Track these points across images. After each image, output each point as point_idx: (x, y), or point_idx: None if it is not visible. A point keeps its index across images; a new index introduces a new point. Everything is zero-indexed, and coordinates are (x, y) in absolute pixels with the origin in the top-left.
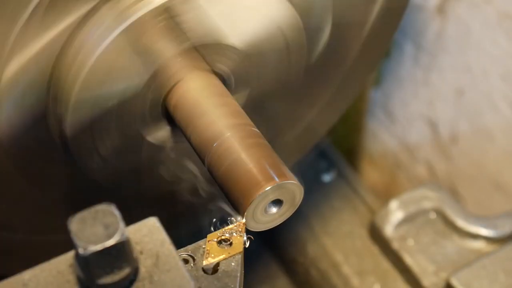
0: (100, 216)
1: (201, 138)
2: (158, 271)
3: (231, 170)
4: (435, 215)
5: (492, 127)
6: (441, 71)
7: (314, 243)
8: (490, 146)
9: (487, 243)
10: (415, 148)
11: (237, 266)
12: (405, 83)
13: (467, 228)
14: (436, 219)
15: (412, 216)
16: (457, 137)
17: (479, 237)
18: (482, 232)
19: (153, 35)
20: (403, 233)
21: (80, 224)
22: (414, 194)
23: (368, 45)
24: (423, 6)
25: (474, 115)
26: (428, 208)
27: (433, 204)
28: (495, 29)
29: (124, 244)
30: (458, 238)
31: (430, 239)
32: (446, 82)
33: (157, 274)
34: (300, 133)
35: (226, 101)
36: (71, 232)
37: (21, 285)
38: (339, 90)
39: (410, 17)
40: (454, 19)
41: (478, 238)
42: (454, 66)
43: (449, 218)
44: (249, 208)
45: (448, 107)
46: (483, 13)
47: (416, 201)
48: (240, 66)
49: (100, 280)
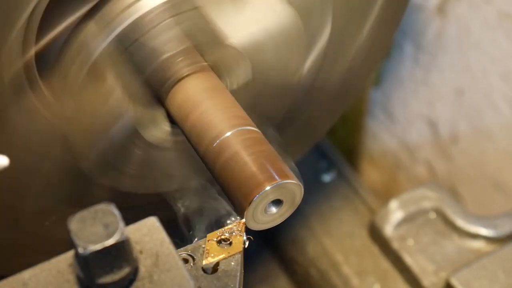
0: (100, 216)
1: (201, 137)
2: (158, 271)
3: (231, 170)
4: (435, 215)
5: (492, 127)
6: (441, 71)
7: (314, 243)
8: (490, 146)
9: (487, 243)
10: (415, 148)
11: (237, 265)
12: (405, 83)
13: (467, 228)
14: (436, 219)
15: (412, 216)
16: (457, 137)
17: (479, 237)
18: (482, 232)
19: (154, 35)
20: (403, 233)
21: (80, 224)
22: (414, 194)
23: (368, 45)
24: (423, 6)
25: (474, 115)
26: (428, 208)
27: (433, 204)
28: (495, 29)
29: (123, 244)
30: (458, 238)
31: (430, 239)
32: (446, 82)
33: (157, 274)
34: (300, 132)
35: (226, 100)
36: (71, 231)
37: (21, 284)
38: (339, 90)
39: (410, 17)
40: (454, 19)
41: (478, 238)
42: (454, 66)
43: (449, 218)
44: (249, 208)
45: (448, 107)
46: (483, 13)
47: (416, 201)
48: (240, 65)
49: (99, 280)
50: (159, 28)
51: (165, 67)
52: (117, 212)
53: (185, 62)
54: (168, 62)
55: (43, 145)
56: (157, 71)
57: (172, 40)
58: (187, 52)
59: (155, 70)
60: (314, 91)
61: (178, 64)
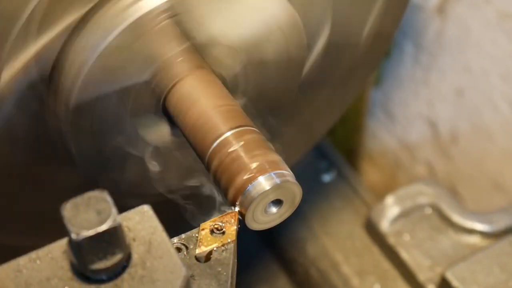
0: (93, 202)
1: (201, 137)
2: (150, 257)
3: (226, 167)
4: (431, 211)
5: (492, 127)
6: (441, 71)
7: (314, 243)
8: (490, 146)
9: (483, 238)
10: (415, 148)
11: (230, 254)
12: (405, 83)
13: (463, 223)
14: (432, 214)
15: (408, 211)
16: (457, 137)
17: (474, 232)
18: (477, 227)
19: (153, 35)
20: (399, 228)
21: (73, 210)
22: (410, 189)
23: (368, 45)
24: (423, 6)
25: (474, 115)
26: (424, 203)
27: (429, 200)
28: (495, 29)
29: (116, 230)
30: (454, 233)
31: (426, 234)
32: (446, 82)
33: (150, 260)
34: (300, 132)
35: (226, 100)
36: (64, 218)
37: (16, 271)
38: (339, 90)
39: (410, 17)
40: (454, 19)
41: (473, 233)
42: (454, 66)
43: (444, 213)
44: (249, 208)
45: (448, 107)
46: (483, 13)
47: (412, 196)
48: (240, 65)
49: (93, 266)
50: (158, 29)
51: (165, 67)
52: (110, 198)
53: (184, 62)
54: (167, 63)
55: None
56: (157, 71)
57: (172, 40)
58: (186, 52)
59: (155, 70)
60: (314, 91)
61: (178, 64)
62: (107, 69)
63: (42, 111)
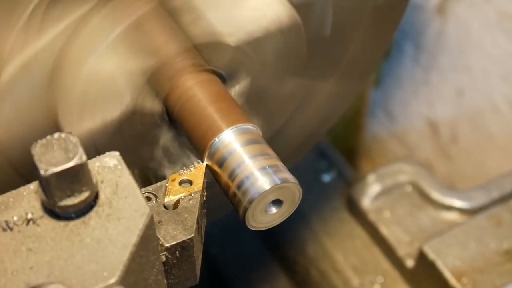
0: (62, 142)
1: (201, 136)
2: (117, 198)
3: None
4: (411, 188)
5: (492, 127)
6: (441, 71)
7: (314, 243)
8: (490, 146)
9: (461, 215)
10: (415, 148)
11: (196, 202)
12: (405, 83)
13: (442, 200)
14: (412, 192)
15: (388, 189)
16: (457, 137)
17: (453, 209)
18: (456, 204)
19: (153, 35)
20: (379, 205)
21: (42, 149)
22: (390, 168)
23: (368, 45)
24: (423, 6)
25: (474, 115)
26: (404, 181)
27: (409, 178)
28: (495, 29)
29: (82, 167)
30: (433, 210)
31: (405, 211)
32: (446, 82)
33: (116, 200)
34: (300, 132)
35: (226, 100)
36: (34, 155)
37: None
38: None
39: (410, 17)
40: (454, 19)
41: (452, 210)
42: (454, 66)
43: (424, 191)
44: (249, 208)
45: (448, 107)
46: (483, 13)
47: (392, 174)
48: (240, 65)
49: (61, 202)
50: (158, 29)
51: (165, 67)
52: (77, 139)
53: (185, 62)
54: (168, 63)
55: None
56: (157, 71)
57: (172, 40)
58: (187, 52)
59: (155, 70)
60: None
61: (178, 65)
62: (107, 69)
63: (42, 111)
